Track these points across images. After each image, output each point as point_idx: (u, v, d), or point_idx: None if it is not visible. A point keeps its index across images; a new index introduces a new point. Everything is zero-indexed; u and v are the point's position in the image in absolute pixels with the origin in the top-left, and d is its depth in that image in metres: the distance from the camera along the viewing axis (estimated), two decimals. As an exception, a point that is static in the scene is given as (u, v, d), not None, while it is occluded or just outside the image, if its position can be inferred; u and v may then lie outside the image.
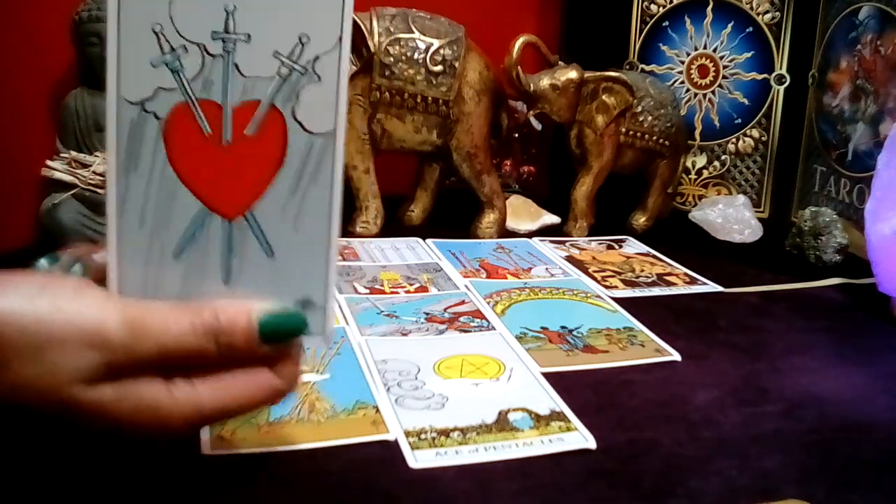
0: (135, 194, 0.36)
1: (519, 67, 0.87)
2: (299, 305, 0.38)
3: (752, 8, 1.03)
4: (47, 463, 0.41)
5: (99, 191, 0.81)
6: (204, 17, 0.35)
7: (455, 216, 0.95)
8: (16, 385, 0.33)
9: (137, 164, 0.36)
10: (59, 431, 0.35)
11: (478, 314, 0.67)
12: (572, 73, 0.90)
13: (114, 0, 0.34)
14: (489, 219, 0.92)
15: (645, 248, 0.91)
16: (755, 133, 1.06)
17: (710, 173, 1.09)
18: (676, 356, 0.61)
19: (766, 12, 1.03)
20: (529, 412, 0.51)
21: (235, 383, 0.36)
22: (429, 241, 0.88)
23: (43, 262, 0.40)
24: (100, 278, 0.37)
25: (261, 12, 0.35)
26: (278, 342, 0.37)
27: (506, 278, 0.77)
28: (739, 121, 1.06)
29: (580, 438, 0.48)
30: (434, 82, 0.86)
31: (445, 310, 0.68)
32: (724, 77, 1.05)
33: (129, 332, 0.34)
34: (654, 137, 0.95)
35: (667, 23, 1.06)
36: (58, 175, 0.81)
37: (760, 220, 1.01)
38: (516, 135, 1.10)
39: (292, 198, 0.37)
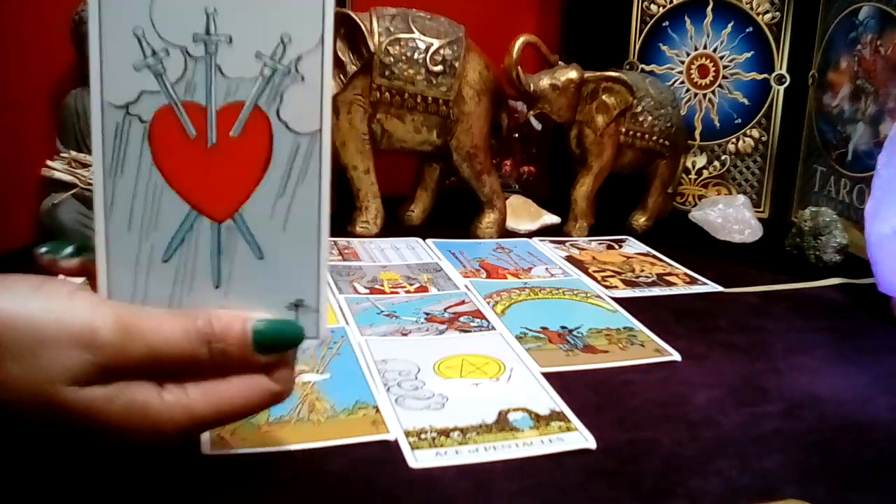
0: (121, 198, 0.36)
1: (519, 67, 0.87)
2: (291, 307, 0.38)
3: (752, 8, 1.03)
4: (45, 462, 0.41)
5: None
6: (184, 20, 0.35)
7: (455, 216, 0.95)
8: (6, 383, 0.33)
9: (123, 167, 0.36)
10: (50, 433, 0.35)
11: (478, 314, 0.67)
12: (572, 73, 0.90)
13: (94, 4, 0.34)
14: (489, 219, 0.92)
15: (645, 248, 0.91)
16: (755, 133, 1.06)
17: (710, 173, 1.09)
18: (676, 356, 0.61)
19: (766, 12, 1.03)
20: (529, 412, 0.51)
21: (229, 388, 0.36)
22: (429, 241, 0.88)
23: (43, 248, 0.40)
24: None
25: (241, 13, 0.35)
26: (273, 351, 0.37)
27: (506, 278, 0.77)
28: (739, 121, 1.06)
29: (580, 438, 0.48)
30: (434, 82, 0.86)
31: (445, 310, 0.68)
32: (724, 77, 1.05)
33: (121, 334, 0.34)
34: (654, 137, 0.95)
35: (667, 23, 1.06)
36: (58, 175, 0.81)
37: (760, 220, 1.01)
38: (516, 135, 1.10)
39: (280, 199, 0.37)
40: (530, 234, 0.95)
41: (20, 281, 0.35)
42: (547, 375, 0.56)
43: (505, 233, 0.94)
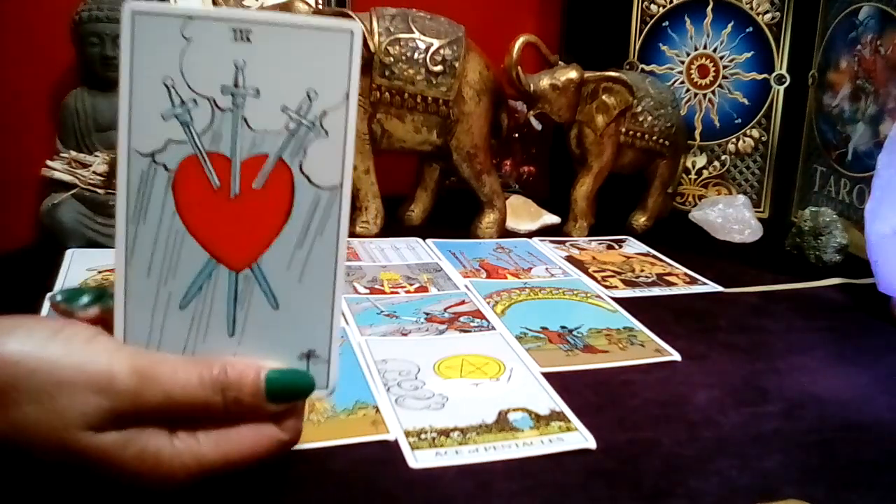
0: (143, 244, 0.36)
1: (519, 67, 0.87)
2: (303, 358, 0.38)
3: (752, 8, 1.03)
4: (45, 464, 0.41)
5: (99, 191, 0.81)
6: (214, 72, 0.35)
7: (455, 216, 0.95)
8: (23, 426, 0.34)
9: (146, 214, 0.36)
10: (63, 471, 0.35)
11: (478, 314, 0.67)
12: (572, 73, 0.90)
13: (126, 53, 0.35)
14: (489, 219, 0.92)
15: (645, 248, 0.91)
16: (755, 133, 1.06)
17: (710, 173, 1.09)
18: (676, 356, 0.61)
19: (766, 12, 1.03)
20: (529, 412, 0.51)
21: (239, 436, 0.37)
22: (429, 241, 0.88)
23: (59, 297, 0.40)
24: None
25: (270, 67, 0.36)
26: (285, 401, 0.37)
27: (506, 278, 0.77)
28: (739, 121, 1.06)
29: (580, 438, 0.48)
30: (434, 82, 0.86)
31: (445, 310, 0.68)
32: (724, 77, 1.06)
33: (138, 380, 0.34)
34: (654, 137, 0.95)
35: (667, 23, 1.06)
36: (58, 175, 0.81)
37: (760, 220, 1.01)
38: (516, 135, 1.10)
39: (298, 251, 0.37)
40: (530, 234, 0.95)
41: (40, 323, 0.36)
42: (547, 375, 0.56)
43: (505, 233, 0.94)
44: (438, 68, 0.85)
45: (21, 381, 0.33)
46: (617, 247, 0.92)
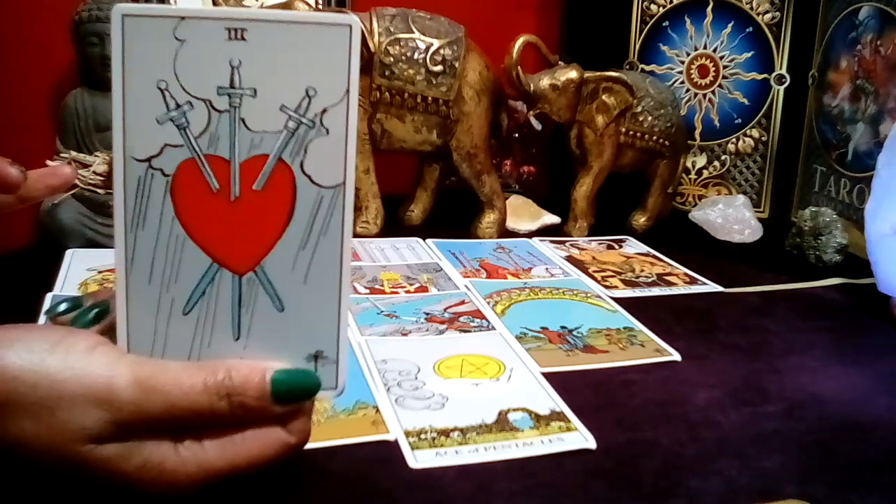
0: (143, 251, 0.36)
1: (519, 67, 0.87)
2: (311, 359, 0.38)
3: (752, 8, 1.03)
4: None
5: (99, 191, 0.81)
6: (209, 73, 0.35)
7: (455, 216, 0.95)
8: (23, 439, 0.33)
9: (145, 220, 0.36)
10: (64, 482, 0.35)
11: (478, 314, 0.67)
12: (572, 73, 0.90)
13: (118, 58, 0.34)
14: (489, 219, 0.92)
15: (645, 248, 0.91)
16: (755, 133, 1.06)
17: (710, 173, 1.09)
18: (676, 356, 0.61)
19: (766, 12, 1.03)
20: (529, 412, 0.51)
21: (245, 441, 0.36)
22: (429, 241, 0.88)
23: (62, 307, 0.40)
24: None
25: (266, 66, 0.35)
26: (291, 402, 0.37)
27: (506, 278, 0.77)
28: (739, 121, 1.06)
29: (580, 438, 0.48)
30: (434, 82, 0.86)
31: (445, 310, 0.68)
32: (724, 77, 1.05)
33: (140, 391, 0.34)
34: (654, 137, 0.95)
35: (667, 23, 1.06)
36: (58, 175, 0.81)
37: (760, 220, 1.01)
38: (516, 135, 1.10)
39: (302, 251, 0.37)
40: (530, 234, 0.95)
41: (38, 334, 0.35)
42: (547, 375, 0.56)
43: (505, 233, 0.94)
44: (438, 68, 0.85)
45: (20, 394, 0.33)
46: (617, 247, 0.92)
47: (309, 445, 0.45)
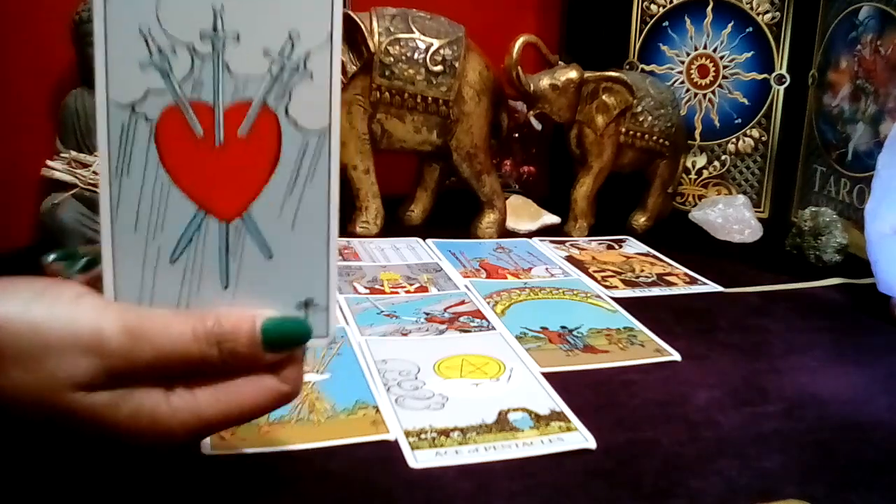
0: (128, 198, 0.35)
1: (519, 67, 0.87)
2: (301, 306, 0.37)
3: (752, 8, 1.03)
4: (46, 463, 0.41)
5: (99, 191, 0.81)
6: (191, 17, 0.34)
7: (455, 216, 0.95)
8: (11, 390, 0.33)
9: (129, 167, 0.35)
10: (55, 435, 0.35)
11: (478, 314, 0.67)
12: (572, 73, 0.90)
13: (100, 2, 0.34)
14: (489, 219, 0.92)
15: (645, 248, 0.91)
16: (755, 133, 1.06)
17: (710, 173, 1.09)
18: (676, 356, 0.61)
19: (766, 12, 1.03)
20: (529, 412, 0.51)
21: (238, 389, 0.36)
22: (429, 241, 0.88)
23: (53, 255, 0.39)
24: None
25: (249, 10, 0.35)
26: (282, 349, 0.36)
27: (506, 278, 0.77)
28: (739, 121, 1.06)
29: (580, 438, 0.48)
30: (434, 82, 0.86)
31: (445, 310, 0.68)
32: (724, 77, 1.05)
33: (128, 337, 0.33)
34: (654, 137, 0.95)
35: (667, 23, 1.06)
36: (58, 175, 0.81)
37: (760, 220, 1.01)
38: (516, 135, 1.10)
39: (289, 197, 0.36)
40: (530, 234, 0.95)
41: (23, 285, 0.34)
42: (547, 375, 0.56)
43: (505, 233, 0.94)
44: (438, 68, 0.85)
45: (6, 345, 0.32)
46: (617, 247, 0.92)
47: (309, 445, 0.45)
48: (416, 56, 0.85)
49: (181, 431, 0.35)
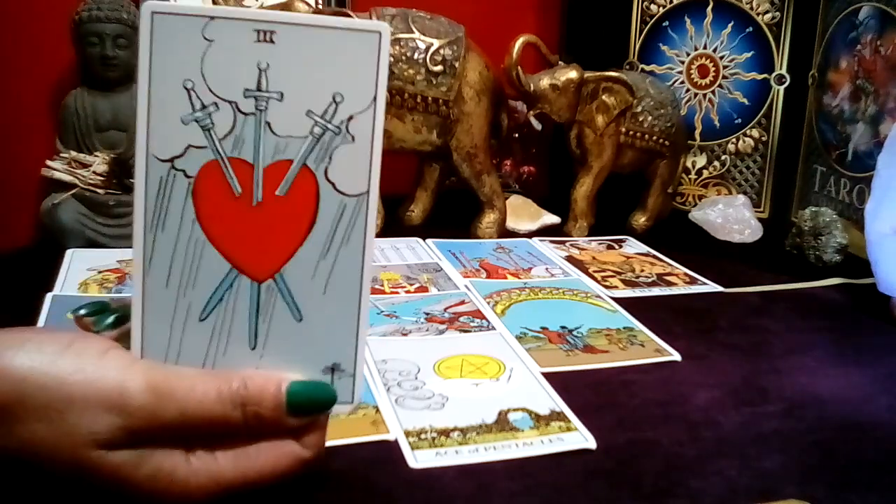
0: (161, 253, 0.35)
1: (519, 67, 0.87)
2: (328, 371, 0.37)
3: (752, 8, 1.03)
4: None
5: (99, 191, 0.81)
6: (236, 75, 0.34)
7: (455, 216, 0.95)
8: (31, 443, 0.32)
9: (165, 222, 0.35)
10: (73, 489, 0.34)
11: (478, 314, 0.67)
12: (572, 73, 0.90)
13: (145, 55, 0.33)
14: (489, 219, 0.92)
15: (645, 248, 0.91)
16: (755, 133, 1.06)
17: (710, 173, 1.09)
18: (676, 356, 0.61)
19: (766, 12, 1.03)
20: (529, 412, 0.51)
21: (259, 454, 0.35)
22: (429, 241, 0.88)
23: (85, 309, 0.39)
24: None
25: (294, 70, 0.34)
26: (307, 414, 0.36)
27: (506, 278, 0.77)
28: (739, 121, 1.06)
29: (580, 438, 0.48)
30: (434, 82, 0.86)
31: (445, 310, 0.68)
32: (724, 77, 1.05)
33: (153, 397, 0.33)
34: (654, 137, 0.95)
35: (667, 23, 1.06)
36: (58, 175, 0.81)
37: (760, 220, 1.01)
38: (516, 135, 1.10)
39: (323, 260, 0.36)
40: (530, 234, 0.95)
41: (50, 336, 0.34)
42: (547, 375, 0.56)
43: (505, 233, 0.94)
44: (438, 68, 0.85)
45: (29, 397, 0.32)
46: (617, 247, 0.92)
47: (309, 445, 0.45)
48: (416, 56, 0.85)
49: (198, 494, 0.35)
